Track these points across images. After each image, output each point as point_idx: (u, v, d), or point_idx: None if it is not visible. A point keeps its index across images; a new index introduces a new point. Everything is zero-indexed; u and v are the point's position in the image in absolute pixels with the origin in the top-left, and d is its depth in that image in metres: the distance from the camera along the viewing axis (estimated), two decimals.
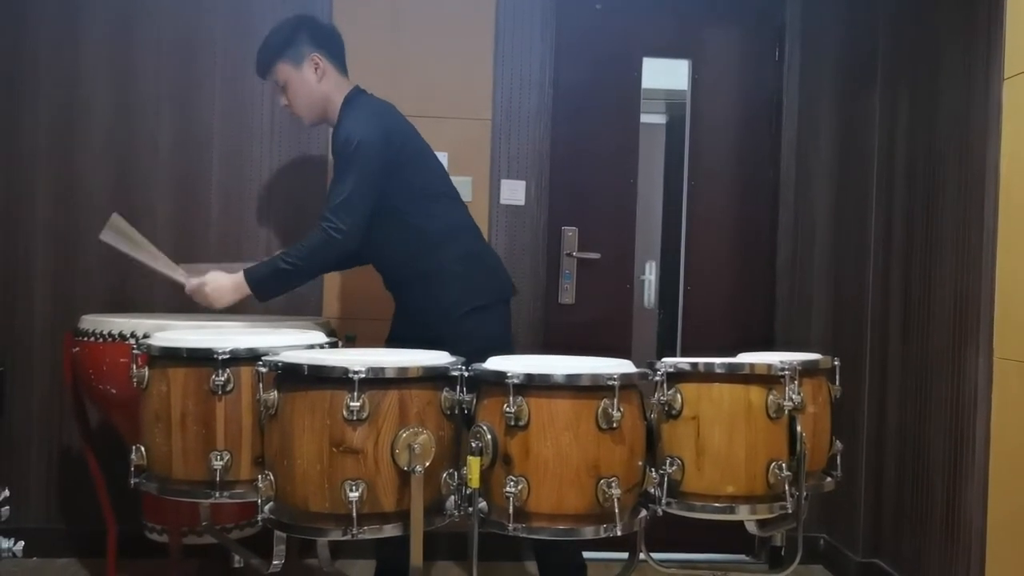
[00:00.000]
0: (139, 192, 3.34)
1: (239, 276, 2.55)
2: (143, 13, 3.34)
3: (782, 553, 2.33)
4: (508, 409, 1.82)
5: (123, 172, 3.34)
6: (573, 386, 1.84)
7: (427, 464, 1.80)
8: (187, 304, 3.27)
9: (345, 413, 1.79)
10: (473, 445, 1.85)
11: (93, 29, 3.32)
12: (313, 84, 2.66)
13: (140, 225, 3.27)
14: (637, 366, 1.99)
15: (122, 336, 2.58)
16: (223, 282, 2.56)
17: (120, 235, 2.66)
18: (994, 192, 2.61)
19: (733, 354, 2.20)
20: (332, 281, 3.34)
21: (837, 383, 2.28)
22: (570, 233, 3.52)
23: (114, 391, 2.60)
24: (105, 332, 2.61)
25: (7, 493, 2.91)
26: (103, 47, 3.32)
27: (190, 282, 2.60)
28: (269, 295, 2.59)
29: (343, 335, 2.90)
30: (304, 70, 2.65)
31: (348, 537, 1.80)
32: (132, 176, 3.34)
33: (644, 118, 3.65)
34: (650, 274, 3.72)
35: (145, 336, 2.41)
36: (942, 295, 2.91)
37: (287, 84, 2.67)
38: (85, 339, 2.67)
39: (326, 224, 2.49)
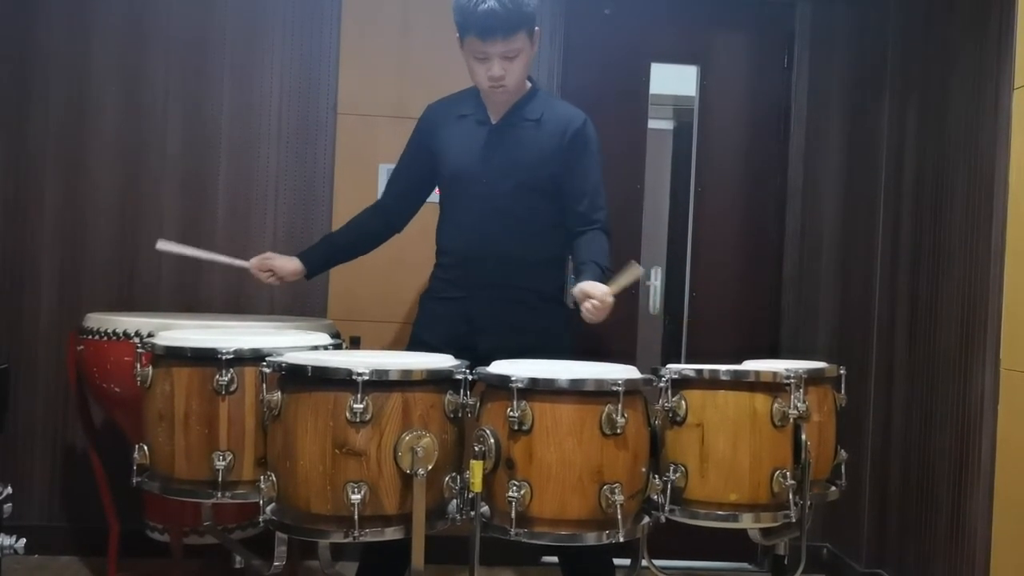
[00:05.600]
0: (147, 191, 3.35)
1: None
2: (153, 13, 3.34)
3: (785, 562, 2.32)
4: (512, 413, 1.81)
5: (131, 171, 3.35)
6: (577, 391, 1.83)
7: (430, 467, 1.79)
8: (192, 303, 3.31)
9: (348, 415, 1.78)
10: (476, 449, 1.85)
11: (103, 28, 3.33)
12: (532, 59, 2.45)
13: (148, 224, 3.31)
14: (642, 372, 1.98)
15: (126, 335, 2.58)
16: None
17: (173, 248, 2.66)
18: (1003, 202, 2.60)
19: (738, 361, 2.19)
20: (338, 283, 3.34)
21: (843, 392, 2.27)
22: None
23: (118, 390, 2.60)
24: (109, 331, 2.62)
25: (9, 490, 2.91)
26: (113, 47, 3.33)
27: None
28: None
29: (348, 337, 2.89)
30: (534, 45, 2.42)
31: (350, 539, 1.79)
32: (140, 175, 3.35)
33: (651, 124, 3.65)
34: (656, 280, 3.71)
35: (149, 335, 2.41)
36: (949, 305, 2.90)
37: (517, 54, 2.37)
38: (89, 337, 2.67)
39: (603, 225, 2.47)
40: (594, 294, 2.24)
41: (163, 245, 2.64)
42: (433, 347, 2.32)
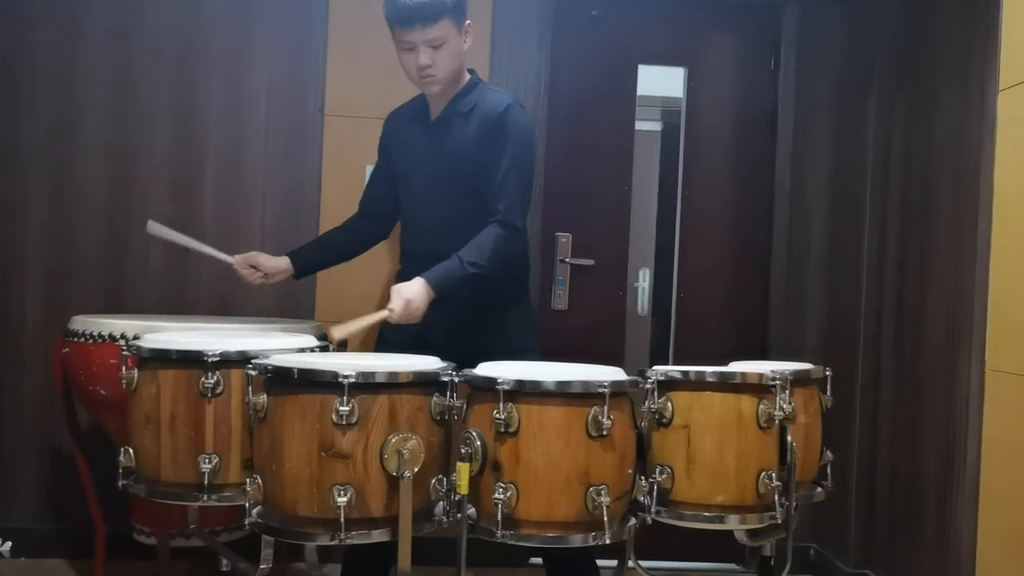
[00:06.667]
0: (134, 193, 3.33)
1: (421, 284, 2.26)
2: (140, 15, 3.33)
3: (772, 563, 2.32)
4: (498, 415, 1.81)
5: (118, 173, 3.33)
6: (564, 393, 1.84)
7: (416, 469, 1.79)
8: (179, 305, 3.29)
9: (335, 417, 1.78)
10: (463, 451, 1.85)
11: (91, 30, 3.31)
12: (462, 50, 2.43)
13: (135, 225, 3.29)
14: (628, 374, 1.99)
15: (112, 337, 2.57)
16: (420, 291, 2.24)
17: (162, 232, 2.65)
18: (988, 203, 2.61)
19: (727, 362, 2.20)
20: (325, 284, 3.33)
21: (828, 393, 2.28)
22: (564, 239, 3.52)
23: (104, 392, 2.59)
24: (95, 333, 2.60)
25: None
26: (101, 48, 3.31)
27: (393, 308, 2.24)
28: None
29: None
30: (464, 36, 2.42)
31: (336, 542, 1.79)
32: (127, 177, 3.33)
33: (639, 125, 3.65)
34: (644, 281, 3.72)
35: (135, 337, 2.40)
36: (935, 305, 2.91)
37: (443, 42, 2.36)
38: (75, 340, 2.66)
39: (507, 218, 2.31)
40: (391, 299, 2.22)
41: (153, 228, 2.63)
42: (394, 345, 2.33)
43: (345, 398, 1.77)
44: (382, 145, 2.65)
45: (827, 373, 2.28)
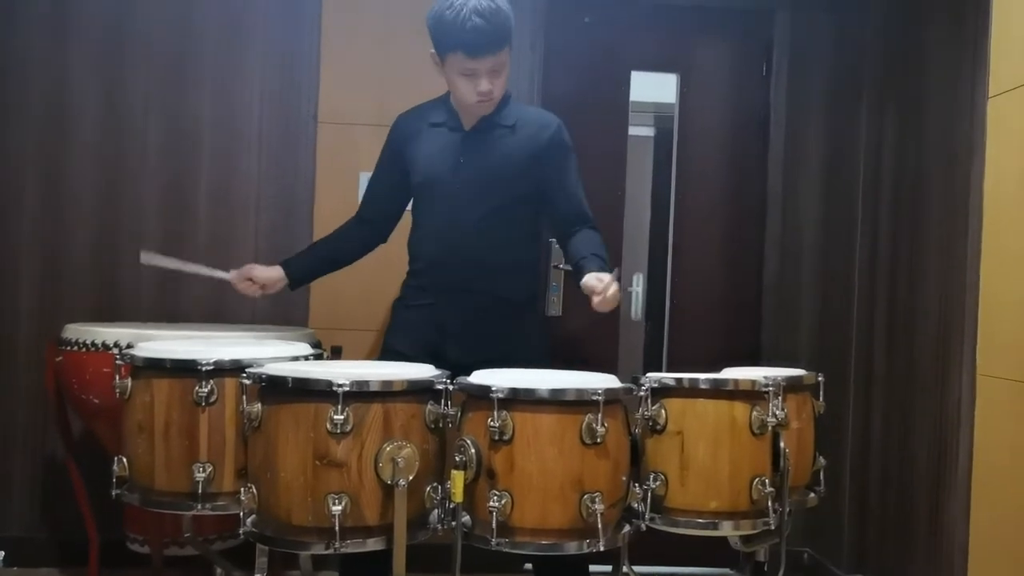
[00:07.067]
0: (127, 199, 3.33)
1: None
2: (132, 21, 3.33)
3: (765, 568, 2.33)
4: (492, 423, 1.82)
5: (111, 179, 3.33)
6: (557, 401, 1.84)
7: (411, 477, 1.80)
8: (173, 312, 3.29)
9: (329, 426, 1.78)
10: (457, 459, 1.85)
11: (82, 36, 3.30)
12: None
13: (128, 232, 3.29)
14: (622, 380, 1.99)
15: (105, 346, 2.57)
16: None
17: (155, 259, 2.63)
18: (978, 209, 2.63)
19: (719, 368, 2.21)
20: (319, 292, 3.33)
21: (821, 399, 2.28)
22: (558, 245, 3.52)
23: (97, 401, 2.59)
24: (88, 342, 2.60)
25: None
26: (93, 53, 3.31)
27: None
28: None
29: (329, 346, 2.89)
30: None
31: (331, 551, 1.79)
32: (120, 183, 3.33)
33: (632, 130, 3.66)
34: (637, 286, 3.73)
35: (129, 346, 2.40)
36: (926, 311, 2.92)
37: (502, 68, 2.41)
38: (68, 349, 2.65)
39: (593, 223, 2.55)
40: (596, 288, 2.26)
41: (146, 258, 2.62)
42: (404, 355, 2.34)
43: (339, 406, 1.78)
44: (393, 148, 2.59)
45: (820, 379, 2.28)
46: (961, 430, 2.66)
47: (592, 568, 2.95)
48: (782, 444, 2.04)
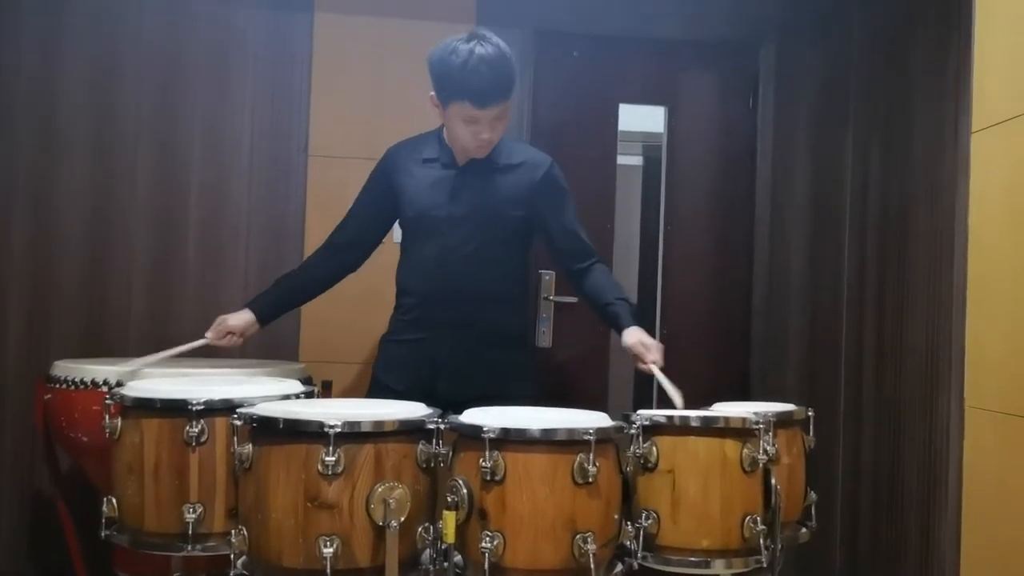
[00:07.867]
0: (116, 231, 3.33)
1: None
2: (123, 52, 3.34)
3: None
4: (484, 463, 1.81)
5: (100, 211, 3.33)
6: (549, 440, 1.84)
7: (403, 519, 1.79)
8: (162, 345, 3.24)
9: (320, 467, 1.78)
10: (449, 499, 1.85)
11: (72, 64, 3.32)
12: None
13: (117, 264, 3.29)
14: (612, 414, 2.00)
15: (95, 384, 2.54)
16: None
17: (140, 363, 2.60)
18: (963, 241, 2.65)
19: (709, 400, 2.22)
20: (309, 325, 3.33)
21: (811, 433, 2.29)
22: (547, 277, 3.54)
23: (86, 439, 2.57)
24: (77, 379, 2.58)
25: None
26: (83, 87, 3.32)
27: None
28: None
29: (319, 380, 2.88)
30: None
31: None
32: (109, 215, 3.33)
33: (621, 159, 3.70)
34: None
35: (118, 384, 2.39)
36: (914, 342, 2.94)
37: (505, 114, 2.43)
38: (57, 386, 2.63)
39: (599, 257, 2.65)
40: (645, 358, 2.46)
41: (131, 368, 2.55)
42: (395, 391, 2.34)
43: (331, 448, 1.77)
44: (383, 178, 2.59)
45: (809, 414, 2.29)
46: (950, 462, 2.67)
47: None
48: (773, 481, 2.04)
